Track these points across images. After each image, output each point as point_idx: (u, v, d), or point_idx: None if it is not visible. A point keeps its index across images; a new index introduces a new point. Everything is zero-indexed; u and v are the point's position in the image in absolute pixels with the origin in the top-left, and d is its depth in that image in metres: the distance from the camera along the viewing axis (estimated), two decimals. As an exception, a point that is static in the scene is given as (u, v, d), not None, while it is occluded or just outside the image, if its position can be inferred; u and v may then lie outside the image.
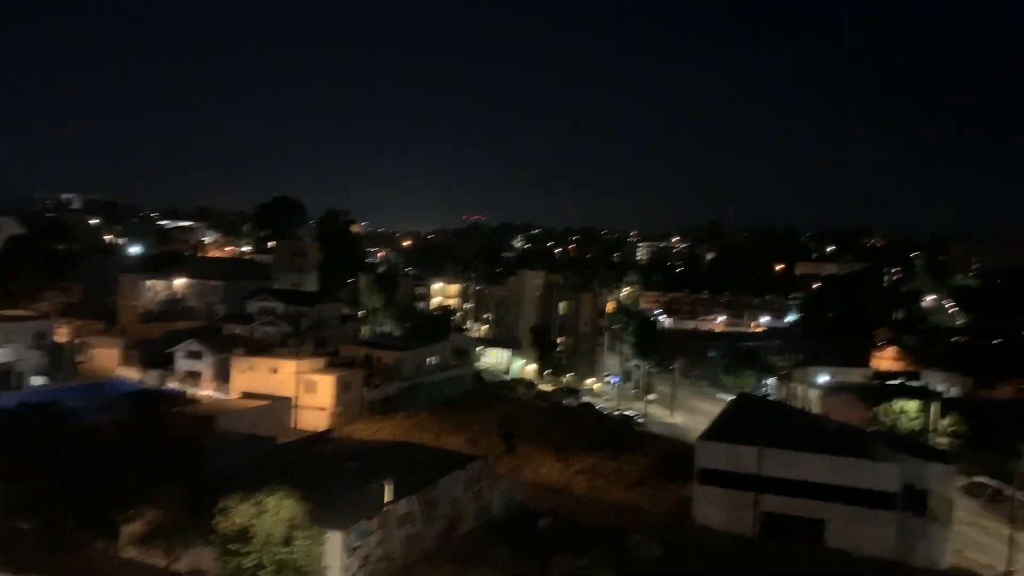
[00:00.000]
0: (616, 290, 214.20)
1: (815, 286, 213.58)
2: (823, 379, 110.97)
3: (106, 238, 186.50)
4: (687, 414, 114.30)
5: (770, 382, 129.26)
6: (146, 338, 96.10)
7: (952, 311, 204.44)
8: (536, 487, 63.26)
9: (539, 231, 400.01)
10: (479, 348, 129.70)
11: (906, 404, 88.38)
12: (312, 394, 76.38)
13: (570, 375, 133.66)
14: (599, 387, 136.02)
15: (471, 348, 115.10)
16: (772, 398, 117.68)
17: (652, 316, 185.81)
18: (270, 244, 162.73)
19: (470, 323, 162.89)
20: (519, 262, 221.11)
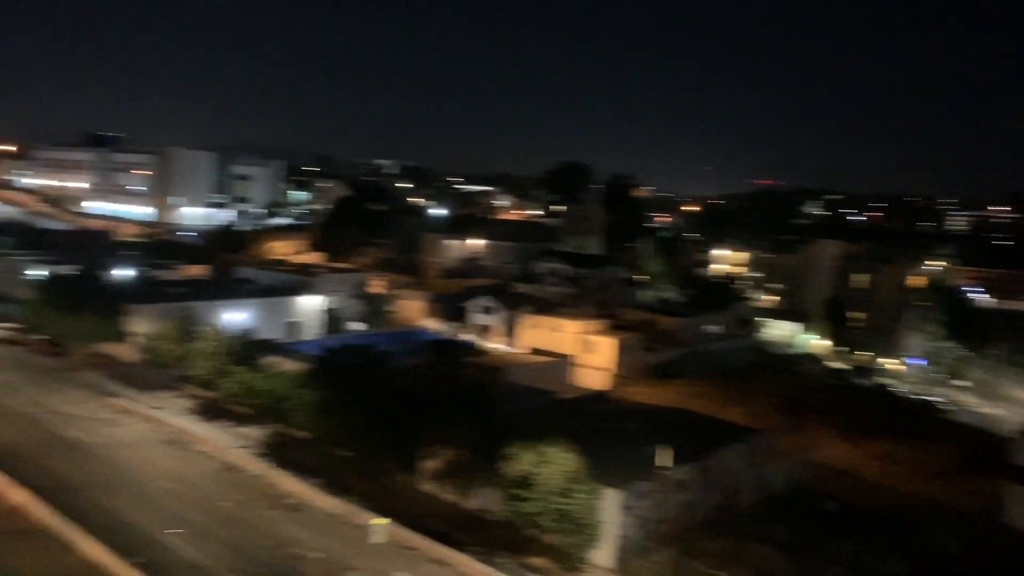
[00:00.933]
0: (923, 263, 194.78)
1: None
2: None
3: (413, 201, 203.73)
4: (1007, 404, 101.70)
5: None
6: (445, 292, 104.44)
7: None
8: (820, 467, 60.01)
9: (838, 197, 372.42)
10: (764, 319, 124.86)
11: None
12: (592, 354, 78.44)
13: (864, 353, 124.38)
14: (897, 368, 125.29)
15: (755, 318, 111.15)
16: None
17: (967, 293, 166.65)
18: (558, 208, 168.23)
19: (755, 292, 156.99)
20: (813, 230, 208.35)
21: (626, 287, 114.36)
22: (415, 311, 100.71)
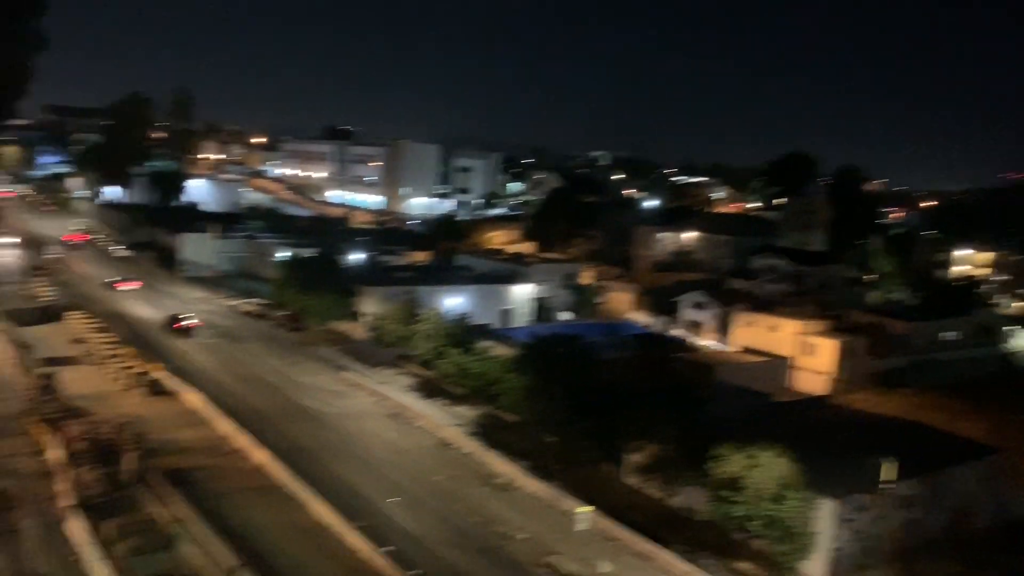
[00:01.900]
0: None
1: None
2: None
3: (626, 192, 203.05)
4: None
5: None
6: (655, 286, 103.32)
7: None
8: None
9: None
10: (1012, 327, 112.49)
11: None
12: (811, 356, 74.52)
13: None
14: None
15: (1001, 326, 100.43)
16: None
17: None
18: (778, 201, 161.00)
19: (1002, 298, 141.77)
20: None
21: (852, 287, 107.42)
22: (624, 304, 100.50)
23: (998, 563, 41.31)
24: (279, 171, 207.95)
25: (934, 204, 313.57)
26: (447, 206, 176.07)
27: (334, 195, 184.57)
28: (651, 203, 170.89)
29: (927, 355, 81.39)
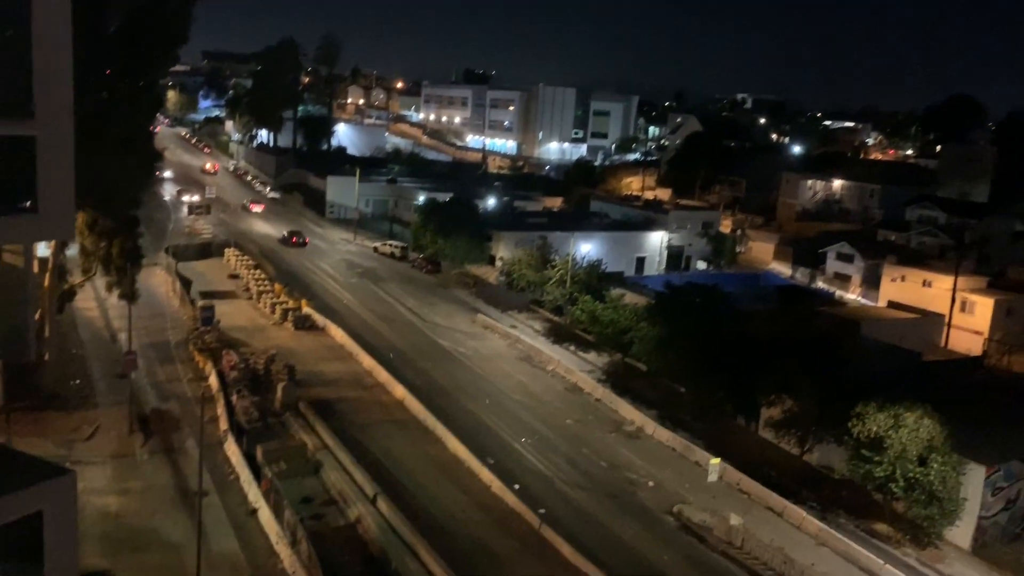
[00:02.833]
0: None
1: None
2: None
3: (772, 137, 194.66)
4: None
5: None
6: (799, 236, 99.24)
7: None
8: None
9: None
10: None
11: None
12: (968, 315, 69.93)
13: None
14: None
15: None
16: None
17: None
18: (938, 148, 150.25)
19: None
20: None
21: (1018, 242, 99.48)
22: (766, 254, 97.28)
23: None
24: (420, 116, 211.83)
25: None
26: (581, 151, 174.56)
27: (472, 140, 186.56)
28: (797, 148, 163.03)
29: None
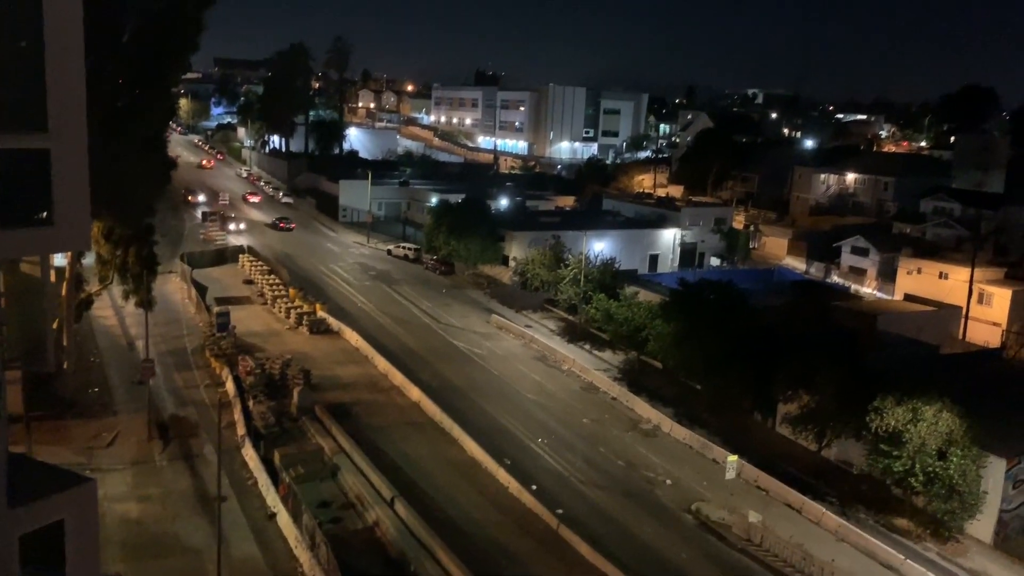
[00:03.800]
0: None
1: None
2: None
3: (784, 131, 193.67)
4: None
5: None
6: (813, 230, 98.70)
7: None
8: None
9: None
10: None
11: None
12: (985, 306, 69.35)
13: None
14: None
15: None
16: None
17: None
18: (952, 139, 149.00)
19: None
20: None
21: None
22: (780, 249, 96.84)
23: None
24: (431, 118, 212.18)
25: None
26: (592, 149, 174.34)
27: (483, 141, 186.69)
28: (810, 143, 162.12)
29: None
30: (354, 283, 75.73)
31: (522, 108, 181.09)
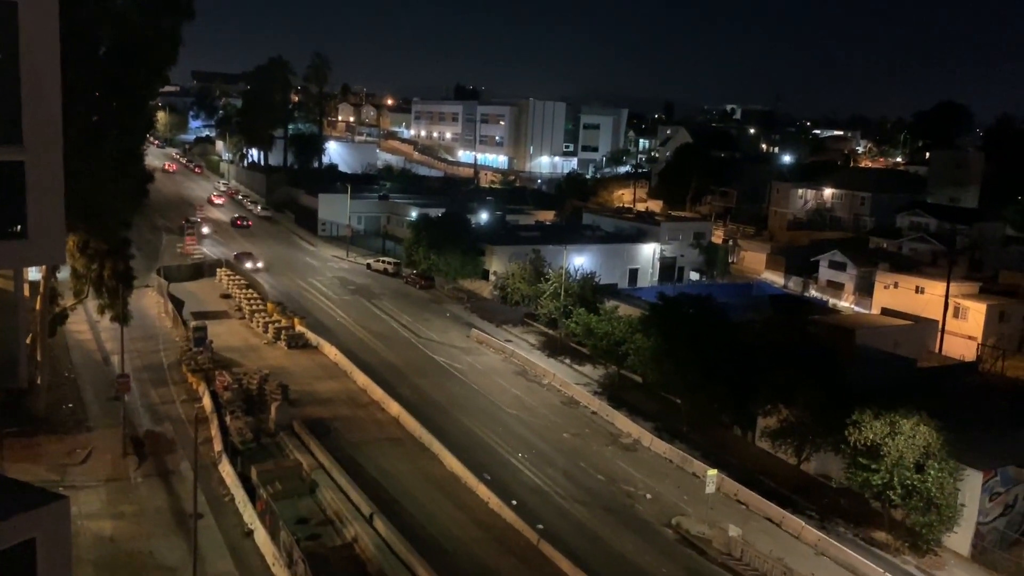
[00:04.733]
0: None
1: None
2: None
3: (763, 147, 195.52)
4: None
5: None
6: (791, 245, 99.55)
7: None
8: None
9: None
10: None
11: None
12: (961, 320, 70.10)
13: None
14: None
15: None
16: None
17: None
18: (927, 155, 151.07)
19: None
20: None
21: (1008, 247, 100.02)
22: (757, 263, 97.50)
23: None
24: (411, 132, 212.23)
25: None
26: (572, 164, 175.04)
27: (463, 155, 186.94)
28: (788, 158, 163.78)
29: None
30: (333, 297, 75.33)
31: (502, 122, 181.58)
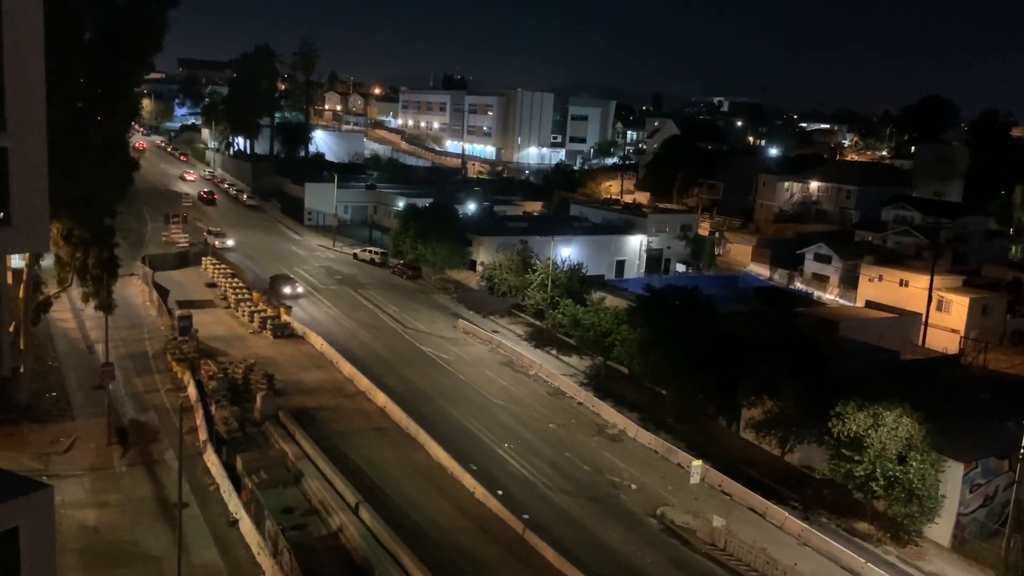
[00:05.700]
0: None
1: None
2: None
3: (750, 140, 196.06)
4: None
5: None
6: (777, 237, 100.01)
7: None
8: None
9: None
10: None
11: None
12: (944, 313, 70.71)
13: None
14: None
15: None
16: None
17: None
18: (913, 149, 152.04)
19: None
20: None
21: (992, 240, 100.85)
22: (743, 255, 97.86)
23: None
24: (398, 121, 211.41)
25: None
26: (560, 155, 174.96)
27: (451, 145, 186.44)
28: (774, 151, 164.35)
29: (1075, 314, 75.73)
30: (319, 287, 75.10)
31: (490, 113, 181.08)
